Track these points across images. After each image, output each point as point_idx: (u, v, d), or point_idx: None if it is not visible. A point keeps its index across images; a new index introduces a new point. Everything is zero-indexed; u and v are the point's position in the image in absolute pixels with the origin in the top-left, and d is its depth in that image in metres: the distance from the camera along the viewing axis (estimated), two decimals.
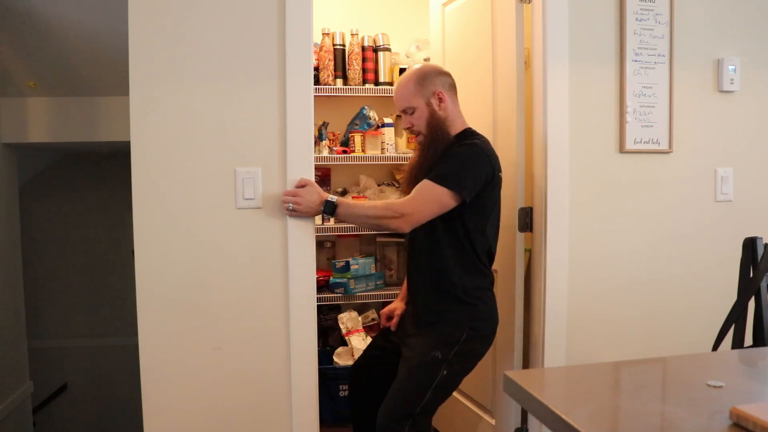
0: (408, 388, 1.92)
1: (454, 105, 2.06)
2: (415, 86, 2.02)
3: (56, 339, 4.33)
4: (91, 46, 2.79)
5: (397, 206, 1.92)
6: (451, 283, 1.98)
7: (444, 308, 1.99)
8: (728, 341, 1.73)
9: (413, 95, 2.01)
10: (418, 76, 2.03)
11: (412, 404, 1.89)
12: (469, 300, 1.98)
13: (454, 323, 1.97)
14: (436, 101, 2.01)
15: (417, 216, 1.91)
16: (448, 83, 2.06)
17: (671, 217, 2.31)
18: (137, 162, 1.88)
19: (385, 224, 1.95)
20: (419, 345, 1.97)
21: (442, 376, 1.91)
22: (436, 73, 2.05)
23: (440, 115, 2.01)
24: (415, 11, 3.46)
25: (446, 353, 1.92)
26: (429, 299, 2.03)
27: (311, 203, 1.91)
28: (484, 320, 2.01)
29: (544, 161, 2.17)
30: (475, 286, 1.99)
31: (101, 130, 3.19)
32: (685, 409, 1.03)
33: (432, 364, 1.91)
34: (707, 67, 2.34)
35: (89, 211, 4.39)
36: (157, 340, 1.91)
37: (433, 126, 2.01)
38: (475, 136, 2.03)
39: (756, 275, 1.69)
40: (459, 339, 1.94)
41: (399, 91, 2.06)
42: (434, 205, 1.91)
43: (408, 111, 2.04)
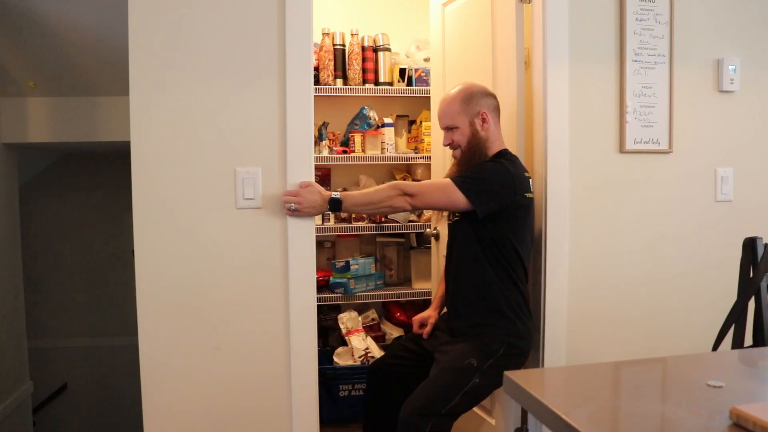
0: (439, 387, 1.94)
1: (496, 127, 2.09)
2: (461, 105, 2.05)
3: (56, 339, 4.33)
4: (91, 46, 2.79)
5: (403, 185, 1.96)
6: (494, 298, 2.00)
7: (486, 322, 2.01)
8: (728, 341, 1.72)
9: (458, 114, 2.05)
10: (465, 95, 2.06)
11: (440, 404, 1.90)
12: (510, 315, 2.00)
13: (493, 336, 1.99)
14: (479, 121, 2.04)
15: (422, 198, 1.94)
16: (493, 105, 2.09)
17: (671, 217, 2.31)
18: (137, 162, 1.88)
19: (390, 203, 1.95)
20: (456, 350, 1.99)
21: (474, 384, 1.93)
22: (482, 94, 2.08)
23: (482, 135, 2.04)
24: (415, 11, 3.46)
25: (482, 363, 1.94)
26: (471, 313, 2.05)
27: (313, 203, 1.92)
28: (521, 338, 2.03)
29: (544, 161, 2.17)
30: (516, 302, 2.02)
31: (101, 130, 3.19)
32: (685, 409, 1.03)
33: (466, 370, 1.93)
34: (707, 67, 2.34)
35: (89, 211, 4.39)
36: (157, 340, 1.91)
37: (473, 145, 2.04)
38: (506, 156, 2.05)
39: (756, 275, 1.69)
40: (497, 352, 1.96)
41: (444, 108, 2.08)
42: (442, 196, 1.95)
43: (451, 128, 2.07)
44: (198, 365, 1.94)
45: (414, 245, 3.44)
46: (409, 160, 3.33)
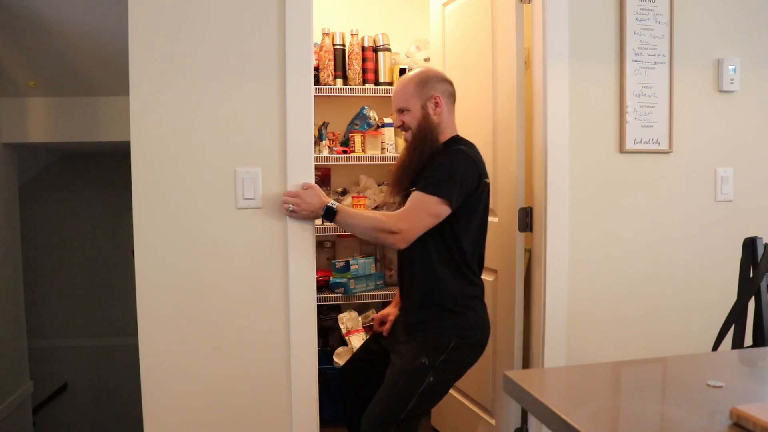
0: (393, 393, 1.91)
1: (450, 113, 2.07)
2: (415, 87, 2.02)
3: (56, 339, 4.33)
4: (92, 46, 2.79)
5: (392, 221, 1.90)
6: (440, 293, 1.97)
7: (433, 317, 1.98)
8: (728, 341, 1.72)
9: (411, 96, 2.02)
10: (420, 78, 2.04)
11: (397, 410, 1.88)
12: (458, 309, 1.97)
13: (442, 330, 1.96)
14: (432, 105, 2.02)
15: (412, 231, 1.90)
16: (448, 91, 2.07)
17: (671, 217, 2.31)
18: (137, 162, 1.88)
19: (381, 239, 1.92)
20: (407, 351, 1.96)
21: (429, 382, 1.90)
22: (438, 78, 2.06)
23: (433, 119, 2.02)
24: (415, 11, 3.46)
25: (433, 360, 1.91)
26: (419, 308, 2.02)
27: (311, 206, 1.91)
28: (472, 329, 2.00)
29: (544, 161, 2.17)
30: (465, 295, 1.99)
31: (101, 130, 3.19)
32: (685, 409, 1.03)
33: (419, 371, 1.90)
34: (707, 67, 2.34)
35: (89, 211, 4.39)
36: (157, 340, 1.91)
37: (424, 129, 2.01)
38: (461, 142, 2.03)
39: (756, 275, 1.69)
40: (447, 346, 1.93)
41: (398, 90, 2.06)
42: (428, 218, 1.90)
43: (403, 110, 2.04)
44: (198, 365, 1.93)
45: None
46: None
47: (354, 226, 1.95)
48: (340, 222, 1.93)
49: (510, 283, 2.31)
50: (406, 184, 2.04)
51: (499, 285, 2.40)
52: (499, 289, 2.40)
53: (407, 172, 2.03)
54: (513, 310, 2.29)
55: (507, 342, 2.33)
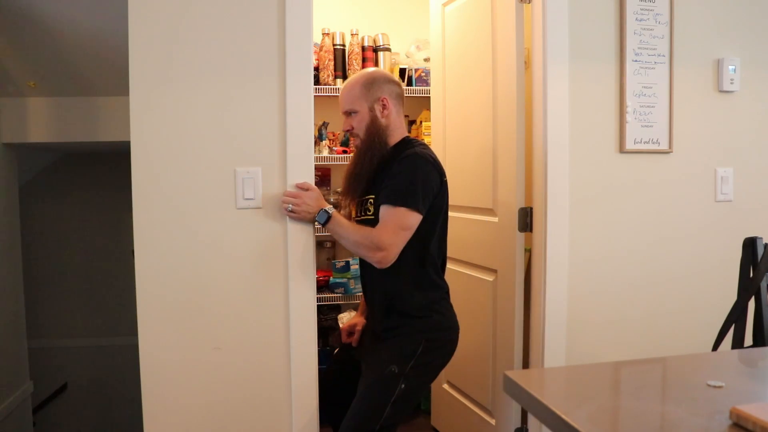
0: (366, 405, 1.88)
1: (398, 115, 2.03)
2: (361, 90, 1.99)
3: (56, 339, 4.34)
4: (91, 46, 2.80)
5: (375, 238, 1.85)
6: (402, 302, 1.95)
7: (397, 324, 1.96)
8: (728, 341, 1.72)
9: (358, 98, 1.99)
10: (366, 80, 2.00)
11: (372, 421, 1.85)
12: (423, 314, 1.95)
13: (408, 336, 1.93)
14: (379, 107, 1.98)
15: (394, 249, 1.85)
16: (396, 92, 2.03)
17: (671, 217, 2.31)
18: (137, 162, 1.88)
19: (364, 254, 1.89)
20: (376, 361, 1.94)
21: (400, 390, 1.87)
22: (384, 80, 2.02)
23: (381, 122, 1.99)
24: (415, 11, 3.46)
25: (403, 367, 1.88)
26: (382, 317, 2.00)
27: (310, 208, 1.91)
28: (439, 331, 1.98)
29: (544, 161, 2.17)
30: (429, 301, 1.97)
31: (101, 130, 3.19)
32: (685, 409, 1.03)
33: (389, 379, 1.88)
34: (707, 67, 2.34)
35: (89, 211, 4.39)
36: (157, 340, 1.91)
37: (372, 132, 1.98)
38: (413, 144, 2.00)
39: (756, 275, 1.69)
40: (415, 352, 1.91)
41: (345, 92, 2.02)
42: (403, 232, 1.86)
43: (351, 113, 2.01)
44: (198, 365, 1.93)
45: None
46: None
47: (342, 236, 1.93)
48: (330, 229, 1.92)
49: (510, 283, 2.31)
50: (359, 191, 2.01)
51: (499, 285, 2.40)
52: (499, 289, 2.40)
53: (359, 178, 1.99)
54: (513, 310, 2.29)
55: (507, 342, 2.33)
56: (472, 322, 2.51)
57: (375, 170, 1.98)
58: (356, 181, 2.01)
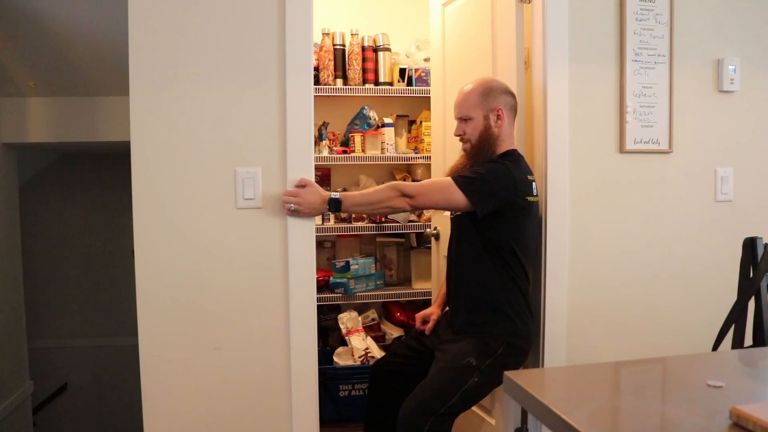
0: (437, 387, 1.93)
1: (510, 126, 2.08)
2: (479, 97, 2.04)
3: (56, 339, 4.33)
4: (91, 46, 2.79)
5: (402, 186, 1.95)
6: (494, 297, 2.00)
7: (486, 321, 2.01)
8: (728, 341, 1.72)
9: (474, 105, 2.04)
10: (484, 89, 2.05)
11: (438, 403, 1.90)
12: (511, 314, 2.00)
13: (493, 335, 1.98)
14: (494, 117, 2.03)
15: (421, 199, 1.95)
16: (511, 104, 2.07)
17: (671, 217, 2.31)
18: (137, 162, 1.88)
19: (390, 204, 1.95)
20: (455, 349, 1.98)
21: (473, 382, 1.92)
22: (501, 90, 2.07)
23: (494, 131, 2.03)
24: (415, 11, 3.46)
25: (480, 362, 1.94)
26: (471, 312, 2.05)
27: (313, 203, 1.92)
28: (522, 338, 2.03)
29: (544, 161, 2.17)
30: (517, 302, 2.01)
31: (101, 130, 3.19)
32: (685, 409, 1.03)
33: (465, 369, 1.93)
34: (707, 67, 2.34)
35: (89, 211, 4.39)
36: (157, 340, 1.91)
37: (484, 140, 2.03)
38: (512, 157, 2.04)
39: (756, 275, 1.69)
40: (496, 351, 1.96)
41: (462, 98, 2.07)
42: (441, 197, 1.95)
43: (466, 119, 2.06)
44: (198, 365, 1.94)
45: (414, 245, 3.44)
46: (409, 160, 3.33)
47: (363, 204, 1.98)
48: (348, 208, 1.96)
49: None
50: None
51: None
52: None
53: None
54: None
55: None
56: None
57: None
58: None
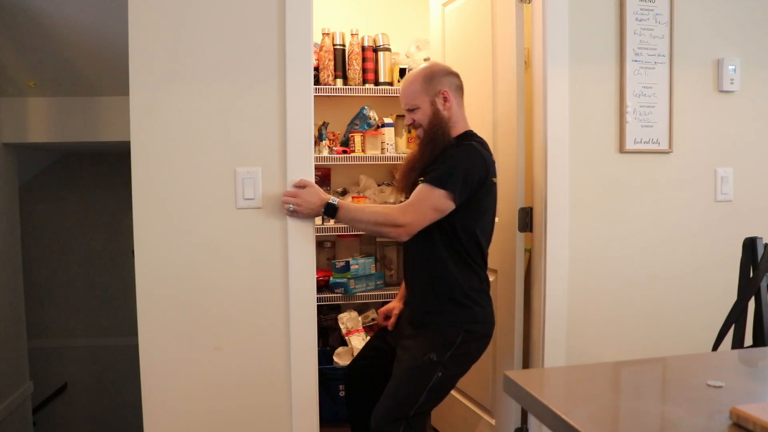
0: (402, 390, 1.91)
1: (459, 106, 2.05)
2: (422, 84, 2.01)
3: (56, 339, 4.33)
4: (91, 46, 2.79)
5: (396, 215, 1.90)
6: (447, 285, 1.97)
7: (440, 310, 1.98)
8: (728, 341, 1.72)
9: (419, 93, 2.01)
10: (425, 75, 2.02)
11: (406, 406, 1.88)
12: (465, 302, 1.97)
13: (449, 325, 1.96)
14: (441, 101, 2.00)
15: (415, 225, 1.90)
16: (455, 84, 2.05)
17: (671, 217, 2.31)
18: (137, 162, 1.88)
19: (384, 232, 1.94)
20: (414, 347, 1.96)
21: (437, 378, 1.90)
22: (444, 72, 2.04)
23: (444, 114, 2.00)
24: (415, 11, 3.46)
25: (441, 355, 1.91)
26: (425, 301, 2.02)
27: (312, 204, 1.91)
28: (480, 323, 2.00)
29: (544, 161, 2.17)
30: (472, 288, 1.99)
31: (101, 130, 3.19)
32: (685, 409, 1.03)
33: (427, 366, 1.90)
34: (707, 67, 2.34)
35: (89, 211, 4.39)
36: (157, 340, 1.91)
37: (435, 125, 2.00)
38: (474, 138, 2.02)
39: (756, 275, 1.69)
40: (455, 341, 1.93)
41: (406, 88, 2.05)
42: (432, 212, 1.90)
43: (412, 108, 2.03)
44: (198, 365, 1.93)
45: None
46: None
47: (357, 220, 1.96)
48: (342, 218, 1.93)
49: (510, 283, 2.31)
50: (413, 178, 2.03)
51: (499, 285, 2.40)
52: (499, 289, 2.40)
53: (417, 166, 2.02)
54: (513, 310, 2.29)
55: (507, 342, 2.33)
56: None
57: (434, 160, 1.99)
58: (414, 168, 2.03)
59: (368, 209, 1.98)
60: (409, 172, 2.05)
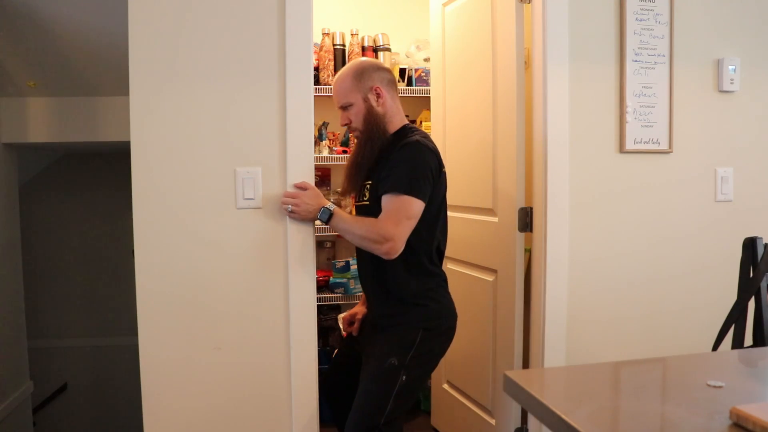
0: (369, 400, 1.87)
1: (393, 101, 2.01)
2: (352, 81, 1.97)
3: (56, 339, 4.34)
4: (92, 46, 2.80)
5: (380, 230, 1.83)
6: (397, 288, 1.94)
7: (395, 312, 1.95)
8: (728, 341, 1.72)
9: (350, 90, 1.97)
10: (355, 71, 1.98)
11: (376, 415, 1.85)
12: (420, 302, 1.94)
13: (406, 326, 1.92)
14: (374, 97, 1.97)
15: (401, 239, 1.83)
16: (387, 79, 2.01)
17: (671, 217, 2.31)
18: (137, 162, 1.88)
19: (371, 248, 1.86)
20: (375, 353, 1.92)
21: (402, 382, 1.86)
22: (374, 68, 2.01)
23: (378, 111, 1.97)
24: (415, 11, 3.46)
25: (402, 358, 1.87)
26: (380, 304, 2.00)
27: (309, 207, 1.90)
28: (437, 319, 1.97)
29: (544, 161, 2.17)
30: (425, 288, 1.96)
31: (101, 130, 3.19)
32: (685, 409, 1.03)
33: (390, 372, 1.86)
34: (707, 67, 2.34)
35: (89, 211, 4.39)
36: (157, 340, 1.91)
37: (370, 122, 1.96)
38: (414, 132, 1.98)
39: (756, 275, 1.69)
40: (414, 342, 1.90)
41: (337, 86, 2.01)
42: (409, 221, 1.84)
43: (346, 106, 1.99)
44: (198, 365, 1.94)
45: None
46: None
47: (347, 231, 1.92)
48: (334, 226, 1.91)
49: (510, 283, 2.31)
50: (360, 180, 2.00)
51: (499, 285, 2.40)
52: (499, 289, 2.40)
53: (360, 168, 1.98)
54: (513, 310, 2.29)
55: (507, 342, 2.33)
56: (472, 322, 2.52)
57: (376, 159, 1.96)
58: (358, 172, 2.00)
59: (360, 221, 1.92)
60: (355, 174, 2.01)
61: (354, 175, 2.01)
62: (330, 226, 1.93)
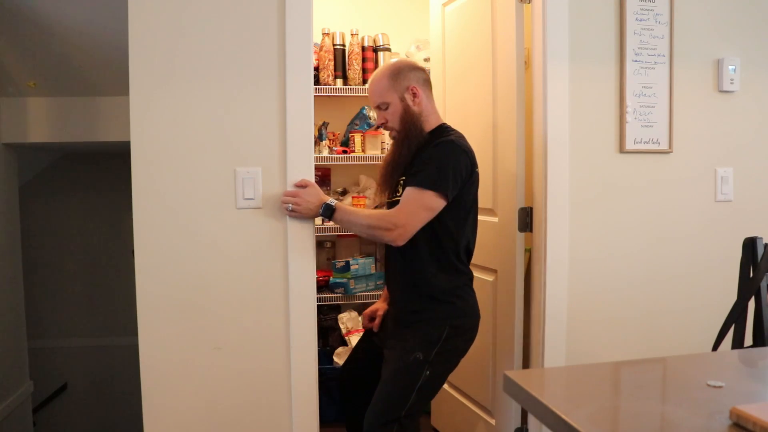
0: (392, 392, 1.90)
1: (429, 100, 2.04)
2: (389, 81, 1.99)
3: (56, 339, 4.33)
4: (92, 46, 2.79)
5: (390, 217, 1.89)
6: (427, 283, 1.96)
7: (422, 308, 1.97)
8: (728, 341, 1.72)
9: (387, 90, 1.99)
10: (391, 72, 2.01)
11: (397, 408, 1.87)
12: (446, 299, 1.96)
13: (433, 323, 1.95)
14: (410, 96, 1.99)
15: (410, 227, 1.88)
16: (423, 78, 2.04)
17: (671, 217, 2.31)
18: (137, 162, 1.88)
19: (379, 235, 1.91)
20: (400, 347, 1.95)
21: (425, 377, 1.89)
22: (410, 68, 2.03)
23: (414, 110, 1.99)
24: (415, 11, 3.46)
25: (428, 354, 1.90)
26: (407, 300, 2.01)
27: (310, 204, 1.91)
28: (463, 317, 1.99)
29: (544, 161, 2.17)
30: (453, 286, 1.98)
31: (101, 130, 3.19)
32: (685, 409, 1.03)
33: (414, 366, 1.89)
34: (707, 67, 2.34)
35: (89, 211, 4.39)
36: (157, 340, 1.91)
37: (407, 122, 1.99)
38: (449, 132, 2.00)
39: (756, 275, 1.69)
40: (440, 338, 1.92)
41: (373, 86, 2.03)
42: (424, 212, 1.88)
43: (382, 107, 2.02)
44: (198, 365, 1.93)
45: None
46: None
47: (352, 223, 1.95)
48: (338, 219, 1.93)
49: (510, 283, 2.31)
50: (395, 179, 2.03)
51: (499, 285, 2.40)
52: (499, 289, 2.40)
53: (396, 167, 2.02)
54: (513, 310, 2.29)
55: (507, 342, 2.33)
56: None
57: (412, 157, 1.98)
58: (394, 169, 2.02)
59: (364, 212, 1.97)
60: (392, 173, 2.03)
61: (390, 174, 2.04)
62: (334, 221, 1.94)
